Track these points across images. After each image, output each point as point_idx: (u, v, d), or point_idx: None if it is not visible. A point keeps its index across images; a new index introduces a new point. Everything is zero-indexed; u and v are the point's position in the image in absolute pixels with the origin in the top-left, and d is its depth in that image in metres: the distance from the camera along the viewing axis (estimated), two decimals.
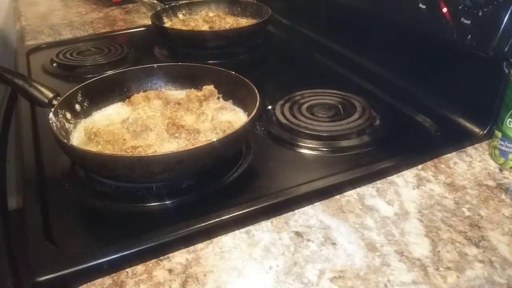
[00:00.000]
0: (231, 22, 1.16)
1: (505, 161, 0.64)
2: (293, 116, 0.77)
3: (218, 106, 0.73)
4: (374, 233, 0.53)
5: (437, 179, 0.63)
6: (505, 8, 0.64)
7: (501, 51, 0.65)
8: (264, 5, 1.20)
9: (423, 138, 0.73)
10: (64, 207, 0.61)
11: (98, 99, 0.75)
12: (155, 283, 0.48)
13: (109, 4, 1.49)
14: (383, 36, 0.91)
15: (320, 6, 1.13)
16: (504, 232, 0.53)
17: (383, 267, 0.49)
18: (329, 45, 1.06)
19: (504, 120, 0.63)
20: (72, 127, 0.69)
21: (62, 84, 0.95)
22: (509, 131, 0.63)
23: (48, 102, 0.68)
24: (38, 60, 1.07)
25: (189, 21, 1.16)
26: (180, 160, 0.56)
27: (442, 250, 0.51)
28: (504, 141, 0.64)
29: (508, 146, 0.63)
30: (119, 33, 1.25)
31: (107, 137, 0.65)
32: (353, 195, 0.60)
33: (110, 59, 1.03)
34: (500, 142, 0.64)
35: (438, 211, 0.57)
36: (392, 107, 0.81)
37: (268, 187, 0.61)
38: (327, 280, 0.47)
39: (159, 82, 0.81)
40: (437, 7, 0.72)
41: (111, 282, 0.48)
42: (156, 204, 0.59)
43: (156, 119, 0.70)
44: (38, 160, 0.69)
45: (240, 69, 0.75)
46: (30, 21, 1.36)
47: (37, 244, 0.53)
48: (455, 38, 0.71)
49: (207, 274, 0.49)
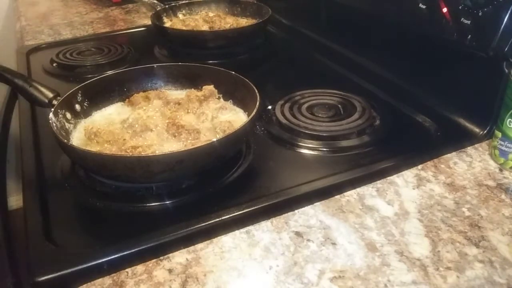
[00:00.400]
0: (231, 22, 1.16)
1: (505, 161, 0.64)
2: (293, 116, 0.77)
3: (218, 106, 0.73)
4: (374, 233, 0.53)
5: (437, 179, 0.63)
6: (505, 8, 0.64)
7: (501, 51, 0.65)
8: (264, 5, 1.19)
9: (423, 138, 0.73)
10: (64, 207, 0.61)
11: (98, 99, 0.75)
12: (155, 283, 0.48)
13: (109, 4, 1.49)
14: (383, 36, 0.91)
15: (320, 6, 1.13)
16: (504, 232, 0.53)
17: (383, 267, 0.49)
18: (329, 45, 1.06)
19: (504, 120, 0.63)
20: (72, 127, 0.69)
21: (62, 84, 0.95)
22: (509, 131, 0.63)
23: (48, 102, 0.68)
24: (38, 60, 1.07)
25: (189, 21, 1.16)
26: (180, 160, 0.56)
27: (442, 250, 0.51)
28: (504, 141, 0.64)
29: (508, 146, 0.63)
30: (119, 33, 1.25)
31: (107, 137, 0.65)
32: (353, 195, 0.60)
33: (110, 59, 1.03)
34: (500, 142, 0.64)
35: (438, 211, 0.57)
36: (392, 107, 0.81)
37: (268, 187, 0.61)
38: (327, 280, 0.47)
39: (159, 82, 0.81)
40: (437, 7, 0.72)
41: (111, 282, 0.48)
42: (156, 204, 0.59)
43: (156, 119, 0.70)
44: (38, 160, 0.69)
45: (240, 69, 0.75)
46: (30, 21, 1.36)
47: (37, 244, 0.53)
48: (455, 38, 0.71)
49: (207, 274, 0.49)
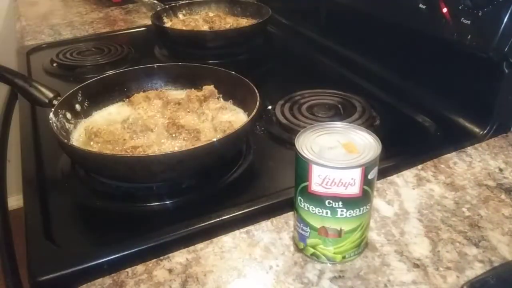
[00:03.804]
0: (231, 22, 1.16)
1: (305, 246, 0.50)
2: (293, 116, 0.77)
3: (218, 106, 0.73)
4: (374, 233, 0.53)
5: (437, 179, 0.63)
6: (505, 8, 0.64)
7: (501, 51, 0.65)
8: (264, 5, 1.20)
9: (423, 138, 0.73)
10: (64, 207, 0.61)
11: (98, 99, 0.75)
12: (155, 283, 0.48)
13: (109, 4, 1.49)
14: (383, 36, 0.91)
15: (320, 6, 1.13)
16: (504, 232, 0.53)
17: (383, 267, 0.49)
18: (329, 45, 1.06)
19: (296, 196, 0.48)
20: (72, 127, 0.69)
21: (62, 84, 0.95)
22: (301, 211, 0.48)
23: (48, 102, 0.68)
24: (38, 60, 1.07)
25: (189, 21, 1.16)
26: (180, 160, 0.56)
27: (442, 250, 0.51)
28: (300, 223, 0.49)
29: (304, 229, 0.49)
30: (119, 33, 1.25)
31: (107, 137, 0.65)
32: None
33: (110, 59, 1.03)
34: (297, 223, 0.50)
35: (438, 211, 0.57)
36: (392, 107, 0.81)
37: (268, 187, 0.61)
38: (327, 280, 0.47)
39: (159, 82, 0.81)
40: (437, 7, 0.72)
41: (111, 282, 0.48)
42: (156, 204, 0.59)
43: (156, 119, 0.70)
44: (38, 160, 0.69)
45: (240, 69, 0.76)
46: (30, 21, 1.36)
47: (37, 244, 0.53)
48: (455, 38, 0.71)
49: (207, 274, 0.49)
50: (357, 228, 0.47)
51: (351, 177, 0.43)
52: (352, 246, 0.48)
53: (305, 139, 0.47)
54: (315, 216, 0.46)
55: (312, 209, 0.46)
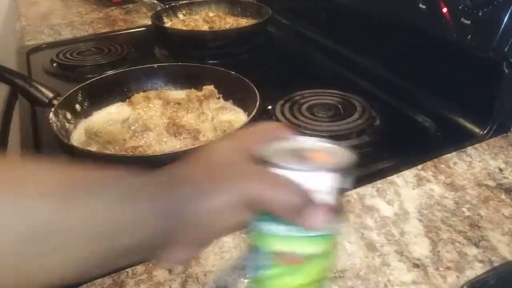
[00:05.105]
0: (231, 22, 1.16)
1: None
2: (293, 116, 0.77)
3: (218, 106, 0.73)
4: (374, 233, 0.53)
5: (437, 179, 0.63)
6: (505, 8, 0.64)
7: (501, 51, 0.65)
8: (264, 5, 1.20)
9: (423, 138, 0.73)
10: None
11: (98, 99, 0.75)
12: (155, 283, 0.48)
13: (109, 4, 1.49)
14: (383, 36, 0.91)
15: (320, 6, 1.13)
16: (504, 232, 0.53)
17: (383, 267, 0.49)
18: (329, 45, 1.06)
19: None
20: (72, 127, 0.69)
21: (62, 84, 0.95)
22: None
23: (48, 102, 0.68)
24: (38, 60, 1.07)
25: (189, 21, 1.16)
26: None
27: (442, 250, 0.51)
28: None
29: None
30: (119, 33, 1.25)
31: (107, 137, 0.65)
32: (353, 195, 0.60)
33: (110, 59, 1.03)
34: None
35: (438, 211, 0.57)
36: (392, 107, 0.81)
37: None
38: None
39: (159, 82, 0.81)
40: (437, 7, 0.72)
41: (111, 282, 0.48)
42: None
43: (156, 119, 0.70)
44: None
45: (240, 69, 0.76)
46: (30, 21, 1.36)
47: None
48: (455, 38, 0.71)
49: (207, 274, 0.49)
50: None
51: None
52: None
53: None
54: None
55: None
